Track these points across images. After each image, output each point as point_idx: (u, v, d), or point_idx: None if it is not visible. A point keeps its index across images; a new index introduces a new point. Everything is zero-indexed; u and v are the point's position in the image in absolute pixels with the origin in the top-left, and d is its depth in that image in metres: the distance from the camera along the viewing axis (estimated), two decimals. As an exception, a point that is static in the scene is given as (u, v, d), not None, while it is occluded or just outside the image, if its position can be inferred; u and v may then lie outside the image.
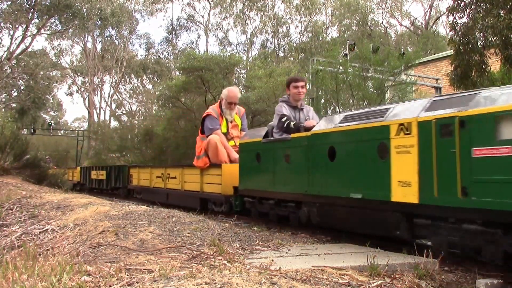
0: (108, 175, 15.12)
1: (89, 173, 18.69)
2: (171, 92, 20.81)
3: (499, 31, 8.46)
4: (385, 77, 13.58)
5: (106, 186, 15.59)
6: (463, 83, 9.69)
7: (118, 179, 14.01)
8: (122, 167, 14.05)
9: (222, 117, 8.29)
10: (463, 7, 9.40)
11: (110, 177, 14.90)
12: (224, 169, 7.40)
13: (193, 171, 8.77)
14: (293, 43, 40.89)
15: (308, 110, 6.44)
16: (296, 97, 6.23)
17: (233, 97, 8.33)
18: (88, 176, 18.42)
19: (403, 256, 5.43)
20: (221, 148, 7.83)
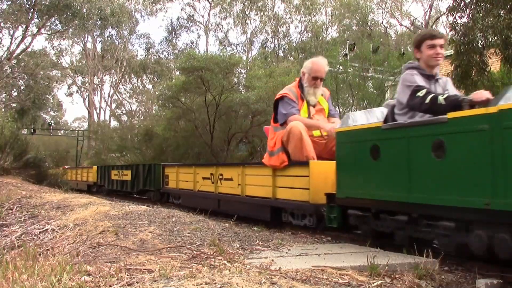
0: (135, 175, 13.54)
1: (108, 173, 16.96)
2: (171, 92, 20.80)
3: (499, 31, 8.45)
4: (385, 77, 13.58)
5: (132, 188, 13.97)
6: (463, 83, 9.68)
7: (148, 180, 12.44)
8: (154, 166, 12.36)
9: (302, 99, 6.21)
10: (463, 7, 9.39)
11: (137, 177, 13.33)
12: (314, 168, 5.50)
13: (260, 171, 6.82)
14: (292, 43, 40.91)
15: (446, 82, 4.43)
16: (431, 62, 4.20)
17: (319, 71, 6.13)
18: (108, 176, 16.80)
19: (403, 256, 5.43)
20: (307, 139, 5.79)
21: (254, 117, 19.88)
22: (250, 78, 21.68)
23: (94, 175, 18.57)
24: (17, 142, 21.20)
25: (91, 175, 19.53)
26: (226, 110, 19.83)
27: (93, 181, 18.62)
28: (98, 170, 18.18)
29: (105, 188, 17.06)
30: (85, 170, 21.53)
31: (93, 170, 18.86)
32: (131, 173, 14.16)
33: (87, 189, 19.58)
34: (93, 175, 18.77)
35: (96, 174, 18.20)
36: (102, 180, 17.43)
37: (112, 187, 16.41)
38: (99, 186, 18.08)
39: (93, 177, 18.61)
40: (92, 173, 19.07)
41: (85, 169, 21.80)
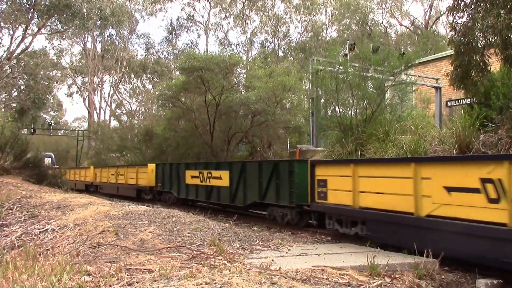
0: (239, 178, 9.75)
1: (178, 174, 12.59)
2: (171, 92, 20.79)
3: (499, 31, 8.44)
4: (385, 77, 13.55)
5: (232, 199, 10.00)
6: (463, 83, 9.68)
7: (272, 188, 8.50)
8: (290, 164, 8.23)
9: None
10: (463, 7, 9.38)
11: (244, 182, 9.60)
12: None
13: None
14: (292, 43, 40.89)
15: None
16: None
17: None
18: (177, 179, 12.64)
19: (403, 256, 5.44)
20: None
21: (254, 117, 19.87)
22: (250, 78, 21.68)
23: (150, 176, 14.36)
24: (17, 142, 21.19)
25: (144, 176, 15.02)
26: (226, 110, 19.82)
27: (149, 185, 14.47)
28: (158, 170, 14.00)
29: (172, 196, 13.16)
30: (133, 170, 16.44)
31: (149, 170, 14.66)
32: (229, 174, 10.04)
33: (137, 196, 15.69)
34: (149, 177, 14.47)
35: (155, 175, 14.08)
36: (166, 183, 13.34)
37: (186, 195, 12.25)
38: (159, 193, 14.14)
39: (150, 179, 14.44)
40: (148, 174, 14.51)
41: (132, 168, 16.63)
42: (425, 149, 10.29)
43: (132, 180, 16.16)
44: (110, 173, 18.80)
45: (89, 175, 21.84)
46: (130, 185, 16.35)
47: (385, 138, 11.65)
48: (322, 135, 16.22)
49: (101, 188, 20.36)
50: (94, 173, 21.34)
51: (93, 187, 21.54)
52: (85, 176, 22.60)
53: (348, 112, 14.03)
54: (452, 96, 16.25)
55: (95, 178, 21.14)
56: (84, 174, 22.93)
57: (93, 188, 21.43)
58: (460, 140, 9.74)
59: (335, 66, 14.55)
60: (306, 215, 8.34)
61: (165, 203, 13.25)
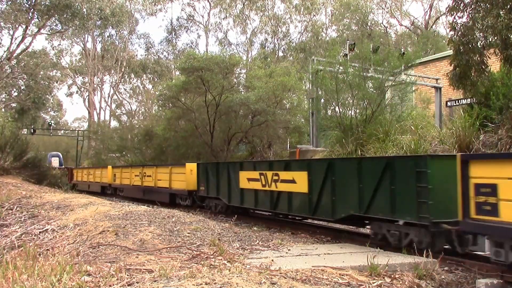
0: (323, 181, 7.52)
1: (228, 175, 10.32)
2: (171, 92, 20.78)
3: (499, 31, 8.44)
4: (385, 77, 13.55)
5: (314, 210, 7.79)
6: (462, 83, 9.67)
7: (390, 196, 6.33)
8: (417, 160, 6.18)
9: None
10: (463, 7, 9.38)
11: (333, 188, 7.37)
12: None
13: None
14: (292, 43, 40.89)
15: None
16: None
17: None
18: (227, 182, 10.33)
19: (403, 256, 5.45)
20: None
21: (254, 117, 19.87)
22: (250, 78, 21.68)
23: (191, 178, 12.04)
24: (17, 142, 21.22)
25: (180, 178, 12.67)
26: (226, 110, 19.83)
27: (188, 189, 12.19)
28: (201, 171, 11.58)
29: (221, 203, 10.82)
30: (164, 171, 13.84)
31: (189, 169, 12.26)
32: (308, 177, 7.83)
33: (170, 201, 13.30)
34: (189, 178, 12.13)
35: (197, 177, 11.76)
36: (212, 187, 10.98)
37: (240, 203, 9.93)
38: (202, 199, 11.88)
39: (191, 182, 12.08)
40: (188, 175, 12.24)
41: (164, 169, 14.04)
42: (425, 149, 10.29)
43: (164, 183, 13.67)
44: (134, 174, 16.28)
45: (106, 176, 19.59)
46: (161, 189, 13.84)
47: (385, 138, 11.66)
48: (322, 135, 16.23)
49: (121, 191, 18.29)
50: (113, 174, 18.90)
51: (110, 189, 19.41)
52: (101, 177, 20.42)
53: (348, 112, 14.03)
54: (452, 96, 16.25)
55: (113, 179, 18.79)
56: (100, 174, 20.71)
57: (111, 190, 19.39)
58: (460, 140, 9.74)
59: (335, 66, 14.55)
60: (440, 236, 5.88)
61: (210, 211, 11.40)
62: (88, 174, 23.06)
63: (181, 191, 12.68)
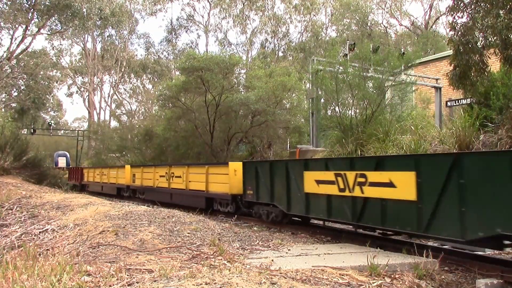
0: (447, 188, 5.61)
1: (287, 176, 8.55)
2: (171, 92, 20.80)
3: (499, 31, 8.44)
4: (385, 77, 13.55)
5: (427, 226, 5.82)
6: (462, 83, 9.68)
7: None
8: None
9: None
10: (463, 7, 9.39)
11: (461, 196, 5.42)
12: None
13: None
14: (292, 43, 40.91)
15: None
16: None
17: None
18: (286, 184, 8.54)
19: (403, 256, 5.45)
20: None
21: (254, 117, 19.87)
22: (250, 78, 21.69)
23: (230, 180, 10.52)
24: (17, 142, 21.22)
25: (221, 180, 11.08)
26: (226, 110, 19.84)
27: (227, 192, 10.61)
28: (249, 171, 9.93)
29: (276, 211, 9.01)
30: (199, 171, 12.30)
31: (230, 171, 10.63)
32: (417, 179, 6.00)
33: (207, 206, 11.70)
34: (229, 181, 10.59)
35: (240, 180, 10.24)
36: (264, 191, 9.29)
37: (305, 211, 8.04)
38: (249, 205, 10.16)
39: (229, 186, 10.53)
40: (226, 177, 10.79)
41: (199, 169, 12.46)
42: (425, 149, 10.30)
43: (198, 185, 12.06)
44: (159, 175, 14.70)
45: (123, 177, 17.93)
46: (195, 192, 12.21)
47: (385, 138, 11.66)
48: (322, 135, 16.23)
49: (141, 193, 16.55)
50: (132, 174, 17.29)
51: (129, 191, 17.75)
52: (117, 177, 18.72)
53: (348, 112, 14.04)
54: (452, 96, 16.26)
55: (132, 180, 17.20)
56: (116, 175, 18.97)
57: (129, 192, 17.72)
58: (460, 140, 9.75)
59: (335, 66, 14.56)
60: None
61: (260, 220, 9.82)
62: (101, 174, 21.35)
63: (222, 195, 10.98)
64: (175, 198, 13.52)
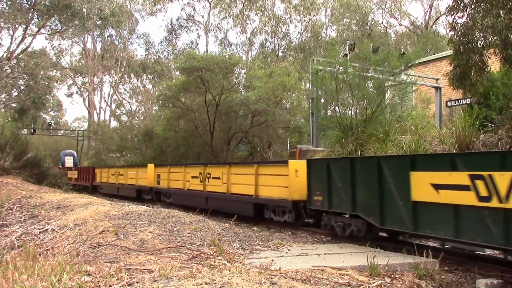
0: None
1: (380, 177, 6.60)
2: (171, 92, 20.80)
3: (499, 31, 8.44)
4: (385, 77, 13.55)
5: None
6: (462, 83, 9.68)
7: None
8: None
9: None
10: (463, 7, 9.39)
11: None
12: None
13: None
14: (292, 43, 40.91)
15: None
16: None
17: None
18: (378, 189, 6.64)
19: (403, 256, 5.45)
20: None
21: (254, 117, 19.87)
22: (250, 78, 21.68)
23: (291, 182, 8.65)
24: (17, 142, 21.24)
25: (276, 182, 9.25)
26: (226, 110, 19.84)
27: (286, 198, 8.77)
28: (317, 171, 8.05)
29: (359, 224, 7.14)
30: (244, 171, 10.57)
31: (290, 171, 8.80)
32: None
33: (255, 214, 9.87)
34: (289, 184, 8.71)
35: (303, 182, 8.32)
36: (339, 197, 7.40)
37: (413, 227, 6.06)
38: (315, 214, 8.45)
39: (289, 190, 8.71)
40: (284, 180, 8.92)
41: (245, 168, 10.74)
42: (425, 149, 10.30)
43: (244, 188, 10.21)
44: (190, 175, 13.04)
45: (144, 177, 16.23)
46: (239, 197, 10.37)
47: (385, 138, 11.67)
48: (322, 135, 16.23)
49: (167, 197, 14.81)
50: (156, 175, 15.55)
51: (151, 194, 15.91)
52: (137, 178, 17.04)
53: (348, 112, 14.04)
54: (452, 96, 16.26)
55: (157, 181, 15.39)
56: (135, 175, 17.20)
57: (152, 195, 15.82)
58: (460, 140, 9.75)
59: (335, 66, 14.56)
60: None
61: (331, 234, 8.02)
62: (117, 174, 19.32)
63: (278, 201, 9.09)
64: (212, 203, 11.55)
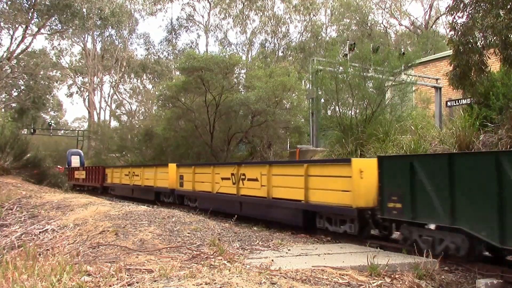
0: None
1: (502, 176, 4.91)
2: (171, 92, 20.80)
3: (499, 31, 8.44)
4: (385, 77, 13.55)
5: None
6: (462, 83, 9.68)
7: None
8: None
9: None
10: (462, 7, 9.39)
11: None
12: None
13: None
14: (292, 43, 40.93)
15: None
16: None
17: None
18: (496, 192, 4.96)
19: (403, 256, 5.45)
20: None
21: (254, 117, 19.88)
22: (250, 78, 21.69)
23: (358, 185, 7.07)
24: (17, 142, 21.24)
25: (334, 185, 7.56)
26: (226, 110, 19.84)
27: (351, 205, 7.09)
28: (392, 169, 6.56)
29: (458, 241, 5.57)
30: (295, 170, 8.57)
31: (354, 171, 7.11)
32: None
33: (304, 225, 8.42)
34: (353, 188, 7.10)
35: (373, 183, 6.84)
36: (425, 205, 5.89)
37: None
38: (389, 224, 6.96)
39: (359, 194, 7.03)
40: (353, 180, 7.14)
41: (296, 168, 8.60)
42: (425, 149, 10.30)
43: (290, 192, 8.50)
44: (220, 177, 11.12)
45: (165, 178, 14.64)
46: (284, 202, 8.72)
47: (385, 138, 11.67)
48: (322, 135, 16.24)
49: (191, 200, 13.08)
50: (178, 175, 13.69)
51: (172, 196, 14.34)
52: (155, 179, 15.41)
53: (348, 112, 14.04)
54: (452, 96, 16.26)
55: (179, 183, 13.59)
56: (154, 176, 15.53)
57: (174, 198, 14.25)
58: (460, 140, 9.75)
59: (335, 66, 14.55)
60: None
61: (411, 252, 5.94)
62: (131, 175, 17.53)
63: (336, 208, 7.36)
64: (247, 209, 10.06)
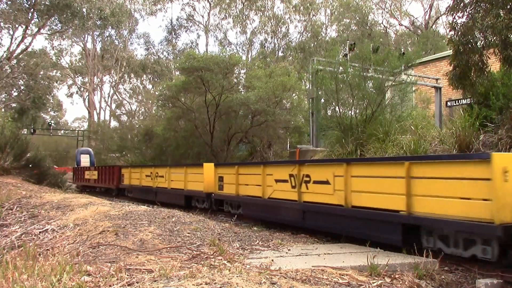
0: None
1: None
2: (171, 92, 20.80)
3: (499, 31, 8.45)
4: (385, 77, 13.55)
5: None
6: (462, 83, 9.67)
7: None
8: None
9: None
10: (462, 6, 9.39)
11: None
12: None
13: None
14: (292, 43, 40.93)
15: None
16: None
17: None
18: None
19: (403, 256, 5.45)
20: None
21: (254, 117, 19.88)
22: (250, 78, 21.69)
23: (502, 191, 4.73)
24: (17, 142, 21.22)
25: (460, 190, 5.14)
26: (226, 110, 19.84)
27: (491, 220, 4.77)
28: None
29: None
30: (394, 171, 6.09)
31: (495, 172, 4.76)
32: None
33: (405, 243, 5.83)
34: (495, 195, 4.74)
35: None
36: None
37: None
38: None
39: (504, 204, 4.74)
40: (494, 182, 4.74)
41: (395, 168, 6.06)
42: (425, 149, 10.30)
43: (381, 200, 6.28)
44: (273, 178, 8.79)
45: (198, 180, 12.29)
46: (371, 212, 6.43)
47: (385, 138, 11.66)
48: (322, 135, 16.24)
49: (233, 206, 10.66)
50: (217, 177, 11.17)
51: (208, 201, 11.88)
52: (185, 180, 12.99)
53: (348, 112, 14.04)
54: (452, 96, 16.27)
55: (218, 186, 11.10)
56: (183, 177, 13.08)
57: (209, 203, 11.84)
58: (460, 140, 9.74)
59: (335, 66, 14.55)
60: None
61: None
62: (154, 176, 15.04)
63: (458, 223, 5.21)
64: (313, 220, 7.91)
